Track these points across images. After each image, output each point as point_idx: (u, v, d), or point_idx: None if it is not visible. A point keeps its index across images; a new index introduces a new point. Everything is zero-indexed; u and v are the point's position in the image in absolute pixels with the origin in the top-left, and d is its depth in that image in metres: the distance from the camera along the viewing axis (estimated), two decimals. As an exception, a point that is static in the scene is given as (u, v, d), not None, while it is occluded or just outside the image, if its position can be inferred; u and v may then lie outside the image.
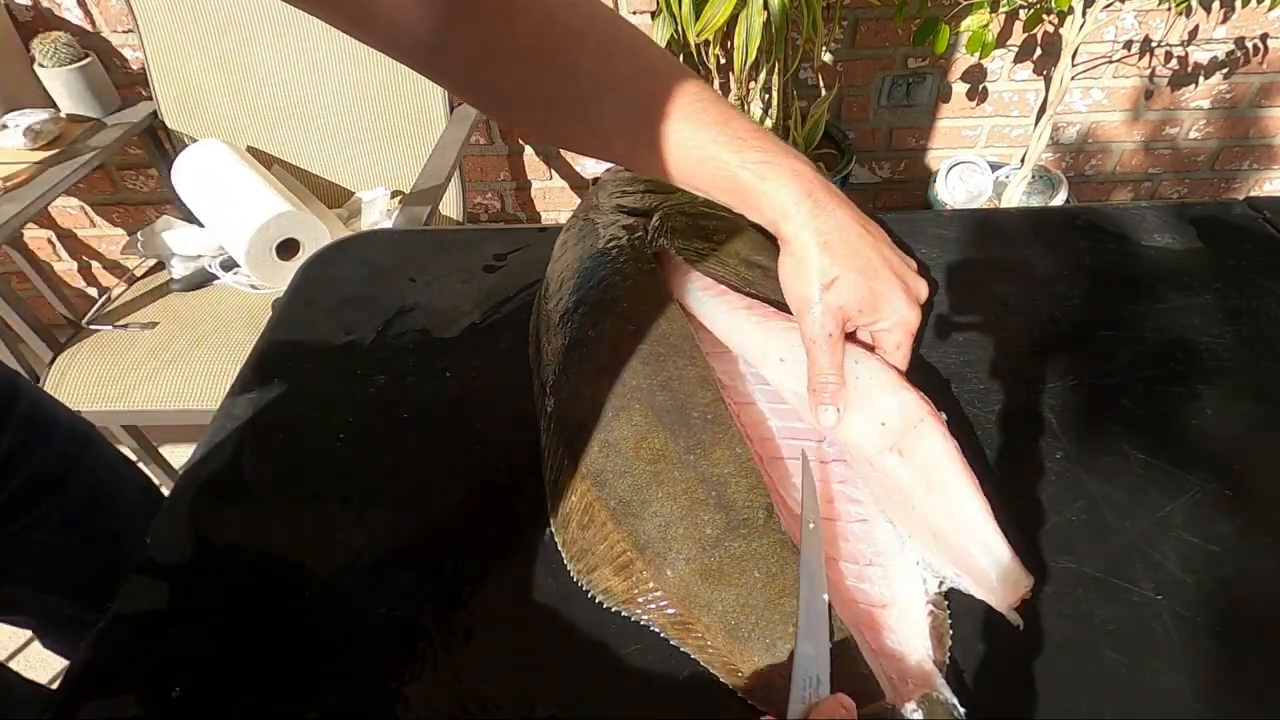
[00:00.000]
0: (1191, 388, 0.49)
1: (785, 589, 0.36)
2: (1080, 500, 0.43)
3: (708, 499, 0.39)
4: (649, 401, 0.43)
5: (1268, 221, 0.63)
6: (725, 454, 0.41)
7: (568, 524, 0.42)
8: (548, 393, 0.48)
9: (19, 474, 0.53)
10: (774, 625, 0.35)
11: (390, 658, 0.38)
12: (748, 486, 0.39)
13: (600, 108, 0.40)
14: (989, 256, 0.61)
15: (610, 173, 0.64)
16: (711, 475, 0.40)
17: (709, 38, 1.25)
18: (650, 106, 0.40)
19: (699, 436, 0.41)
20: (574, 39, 0.39)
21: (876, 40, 1.50)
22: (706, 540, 0.38)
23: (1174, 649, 0.36)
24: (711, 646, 0.36)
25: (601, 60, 0.40)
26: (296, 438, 0.50)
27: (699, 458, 0.41)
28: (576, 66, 0.40)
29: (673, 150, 0.40)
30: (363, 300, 0.61)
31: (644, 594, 0.38)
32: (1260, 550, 0.40)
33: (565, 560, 0.41)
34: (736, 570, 0.37)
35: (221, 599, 0.41)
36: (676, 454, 0.41)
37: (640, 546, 0.39)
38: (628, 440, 0.42)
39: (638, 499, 0.40)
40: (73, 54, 1.31)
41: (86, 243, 1.70)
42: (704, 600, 0.37)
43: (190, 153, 1.27)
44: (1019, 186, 1.53)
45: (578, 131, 0.43)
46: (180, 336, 1.16)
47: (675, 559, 0.38)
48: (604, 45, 0.40)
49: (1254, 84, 1.56)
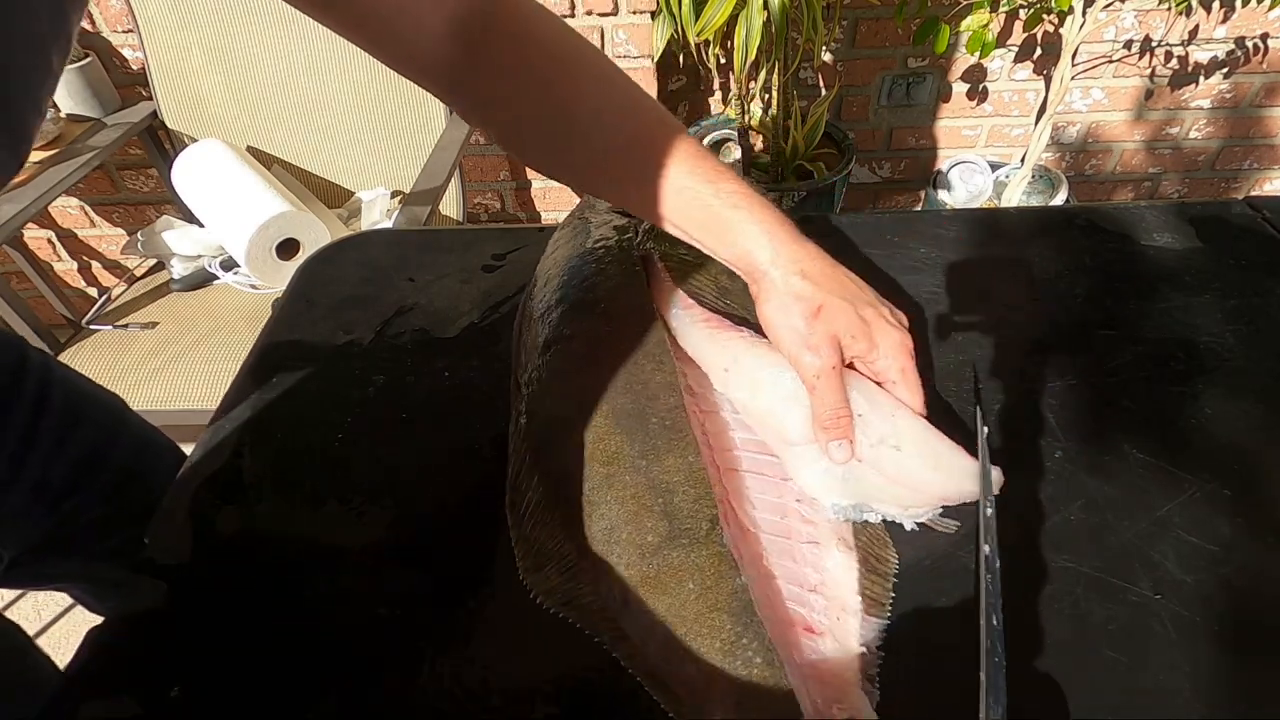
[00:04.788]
0: (1192, 387, 0.49)
1: (718, 604, 0.35)
2: (1080, 499, 0.43)
3: (654, 506, 0.39)
4: (611, 403, 0.43)
5: (1268, 221, 0.63)
6: (677, 462, 0.40)
7: (522, 521, 0.41)
8: (519, 386, 0.48)
9: (66, 455, 0.54)
10: (702, 639, 0.35)
11: (390, 658, 0.38)
12: (694, 496, 0.39)
13: (592, 143, 0.43)
14: (989, 256, 0.61)
15: None
16: (661, 482, 0.39)
17: (709, 38, 1.25)
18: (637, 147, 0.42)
19: (654, 442, 0.41)
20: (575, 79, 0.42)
21: (876, 40, 1.50)
22: (647, 547, 0.37)
23: (1173, 648, 0.36)
24: (642, 657, 0.35)
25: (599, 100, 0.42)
26: (296, 438, 0.50)
27: (651, 463, 0.40)
28: (577, 103, 0.42)
29: (655, 184, 0.42)
30: (362, 300, 0.61)
31: (584, 597, 0.38)
32: (1260, 550, 0.40)
33: (517, 558, 0.40)
34: (673, 580, 0.36)
35: (221, 599, 0.41)
36: (630, 458, 0.41)
37: (585, 549, 0.39)
38: (586, 441, 0.42)
39: (589, 501, 0.40)
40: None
41: (86, 243, 1.70)
42: (637, 608, 0.36)
43: (190, 153, 1.27)
44: (1019, 186, 1.53)
45: (572, 162, 0.45)
46: (180, 336, 1.16)
47: (616, 564, 0.38)
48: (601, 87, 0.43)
49: (1254, 84, 1.56)
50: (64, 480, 0.55)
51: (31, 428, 0.52)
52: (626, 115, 0.43)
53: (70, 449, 0.55)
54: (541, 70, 0.42)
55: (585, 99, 0.42)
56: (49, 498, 0.54)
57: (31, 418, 0.53)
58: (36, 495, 0.53)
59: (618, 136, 0.43)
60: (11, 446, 0.51)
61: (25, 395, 0.53)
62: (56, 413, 0.54)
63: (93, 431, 0.57)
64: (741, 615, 0.35)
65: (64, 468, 0.55)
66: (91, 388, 0.60)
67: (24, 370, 0.53)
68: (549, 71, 0.42)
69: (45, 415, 0.53)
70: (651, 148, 0.42)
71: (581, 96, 0.42)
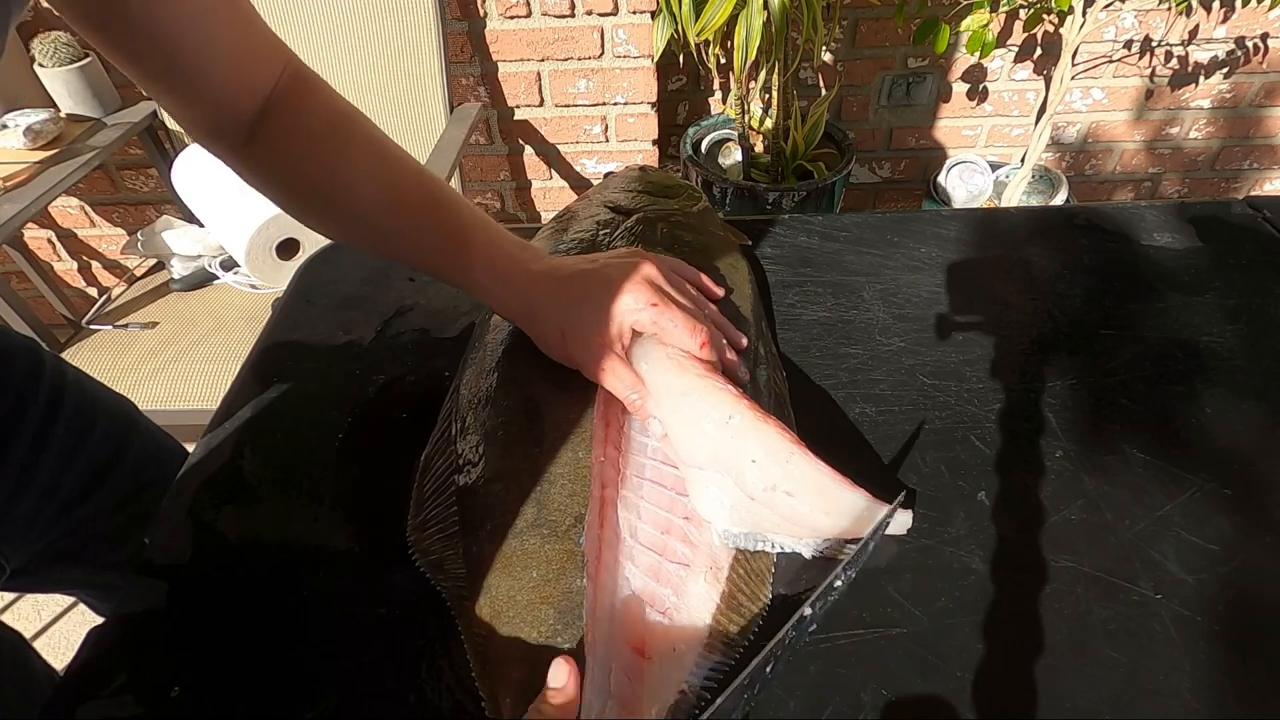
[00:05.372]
0: (1191, 387, 0.49)
1: (549, 597, 0.36)
2: (1080, 499, 0.43)
3: (531, 491, 0.40)
4: (529, 389, 0.45)
5: (1268, 221, 0.63)
6: (567, 455, 0.41)
7: (423, 480, 0.44)
8: (466, 358, 0.51)
9: (77, 464, 0.54)
10: (524, 626, 0.35)
11: (390, 658, 0.38)
12: (570, 491, 0.40)
13: (359, 203, 0.47)
14: (989, 256, 0.61)
15: (626, 168, 0.65)
16: (545, 471, 0.41)
17: (709, 38, 1.25)
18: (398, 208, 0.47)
19: (552, 433, 0.43)
20: (347, 145, 0.47)
21: (876, 40, 1.50)
22: (512, 529, 0.39)
23: (1173, 648, 0.36)
24: (476, 631, 0.36)
25: (366, 164, 0.47)
26: (296, 438, 0.50)
27: (543, 452, 0.42)
28: (347, 167, 0.46)
29: (413, 240, 0.47)
30: (362, 300, 0.61)
31: (450, 563, 0.39)
32: (1260, 549, 0.40)
33: (409, 514, 0.42)
34: (520, 564, 0.38)
35: (221, 599, 0.41)
36: (525, 443, 0.42)
37: (464, 519, 0.40)
38: (497, 420, 0.44)
39: (482, 475, 0.41)
40: (73, 54, 1.31)
41: (86, 243, 1.71)
42: (485, 582, 0.38)
43: (190, 153, 1.27)
44: (1019, 186, 1.53)
45: (340, 220, 0.49)
46: (180, 336, 1.16)
47: (483, 538, 0.39)
48: (369, 151, 0.47)
49: (1254, 84, 1.56)
50: (74, 488, 0.54)
51: (43, 434, 0.52)
52: (389, 179, 0.47)
53: (82, 457, 0.55)
54: (319, 139, 0.46)
55: (354, 163, 0.46)
56: (58, 506, 0.54)
57: (44, 424, 0.52)
58: (46, 503, 0.53)
59: (380, 197, 0.47)
60: (22, 454, 0.51)
61: (39, 402, 0.52)
62: (69, 420, 0.54)
63: (104, 439, 0.57)
64: (566, 615, 0.35)
65: (75, 476, 0.54)
66: (103, 392, 0.60)
67: (39, 376, 0.53)
68: (326, 140, 0.46)
69: (58, 422, 0.53)
70: (409, 208, 0.47)
71: (351, 161, 0.46)
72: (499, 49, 1.37)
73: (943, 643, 0.37)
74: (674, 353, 0.43)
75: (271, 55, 0.46)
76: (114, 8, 0.38)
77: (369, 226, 0.48)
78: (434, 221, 0.47)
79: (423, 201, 0.47)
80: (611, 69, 1.38)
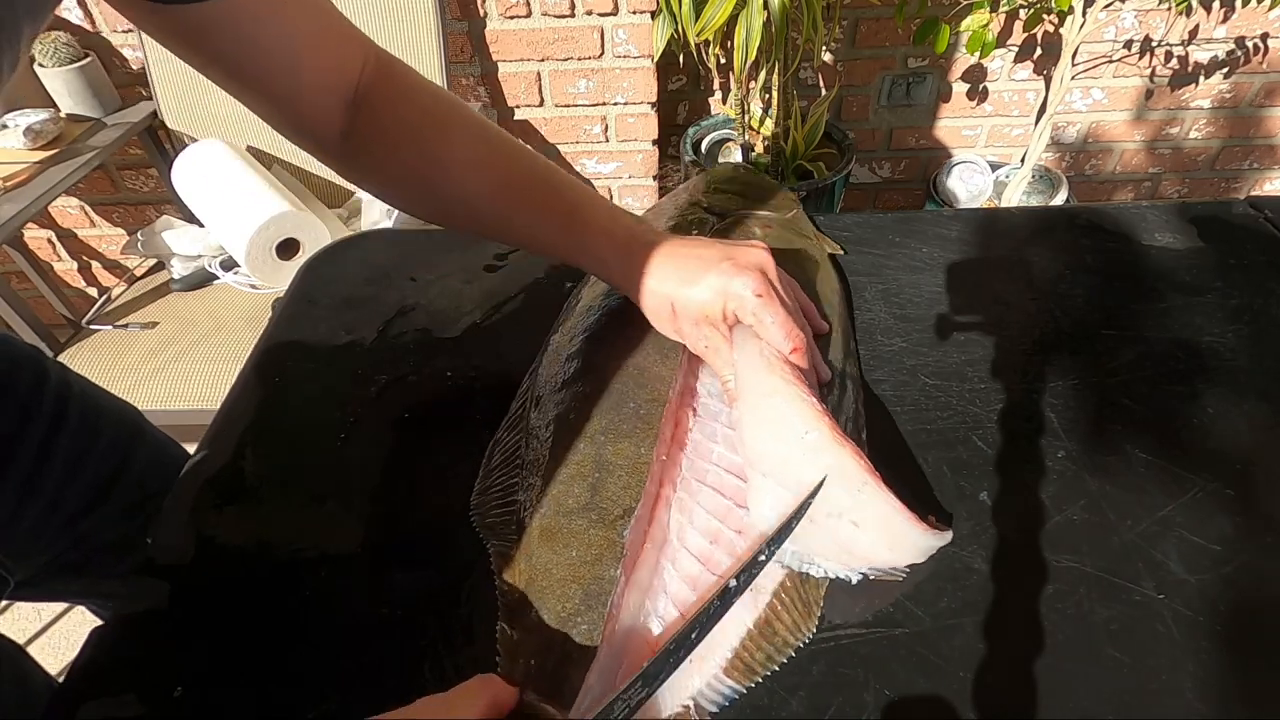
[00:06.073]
0: (1193, 387, 0.49)
1: (581, 578, 0.38)
2: (1082, 499, 0.43)
3: (589, 476, 0.42)
4: (603, 377, 0.47)
5: (1269, 221, 0.63)
6: (628, 448, 0.43)
7: (493, 450, 0.46)
8: (546, 339, 0.52)
9: (82, 476, 0.54)
10: (551, 598, 0.37)
11: (390, 658, 0.38)
12: (624, 484, 0.41)
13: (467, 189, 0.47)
14: (989, 256, 0.61)
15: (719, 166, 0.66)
16: (606, 460, 0.42)
17: (709, 38, 1.25)
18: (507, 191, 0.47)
19: (619, 425, 0.44)
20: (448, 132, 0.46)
21: (876, 40, 1.50)
22: (564, 507, 0.41)
23: (1175, 648, 0.36)
24: (510, 591, 0.39)
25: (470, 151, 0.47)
26: (296, 438, 0.50)
27: (607, 441, 0.43)
28: (449, 154, 0.46)
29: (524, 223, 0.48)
30: (363, 300, 0.61)
31: (503, 529, 0.42)
32: (1262, 549, 0.40)
33: (477, 480, 0.45)
34: (563, 541, 0.39)
35: (221, 599, 0.41)
36: (592, 431, 0.44)
37: (524, 490, 0.43)
38: (569, 405, 0.46)
39: (549, 454, 0.44)
40: (73, 54, 1.31)
41: (86, 243, 1.70)
42: (528, 548, 0.40)
43: (190, 153, 1.27)
44: (1019, 186, 1.53)
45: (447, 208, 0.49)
46: (180, 336, 1.16)
47: (536, 511, 0.41)
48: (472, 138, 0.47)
49: (1255, 84, 1.56)
50: (79, 501, 0.54)
51: (47, 446, 0.51)
52: (495, 163, 0.47)
53: (87, 470, 0.54)
54: (416, 125, 0.46)
55: (456, 150, 0.46)
56: (63, 519, 0.53)
57: (48, 436, 0.51)
58: (50, 516, 0.52)
59: (488, 182, 0.47)
60: (27, 466, 0.50)
61: (43, 413, 0.51)
62: (74, 431, 0.53)
63: (110, 450, 0.56)
64: (592, 599, 0.37)
65: (79, 489, 0.53)
66: (109, 401, 0.59)
67: (43, 386, 0.52)
68: (424, 129, 0.46)
69: (62, 433, 0.52)
70: (518, 189, 0.47)
71: (453, 148, 0.46)
72: (499, 49, 1.37)
73: (945, 643, 0.37)
74: (767, 350, 0.42)
75: (353, 44, 0.45)
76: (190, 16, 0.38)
77: (479, 213, 0.48)
78: (545, 200, 0.47)
79: (531, 181, 0.47)
80: (611, 69, 1.38)
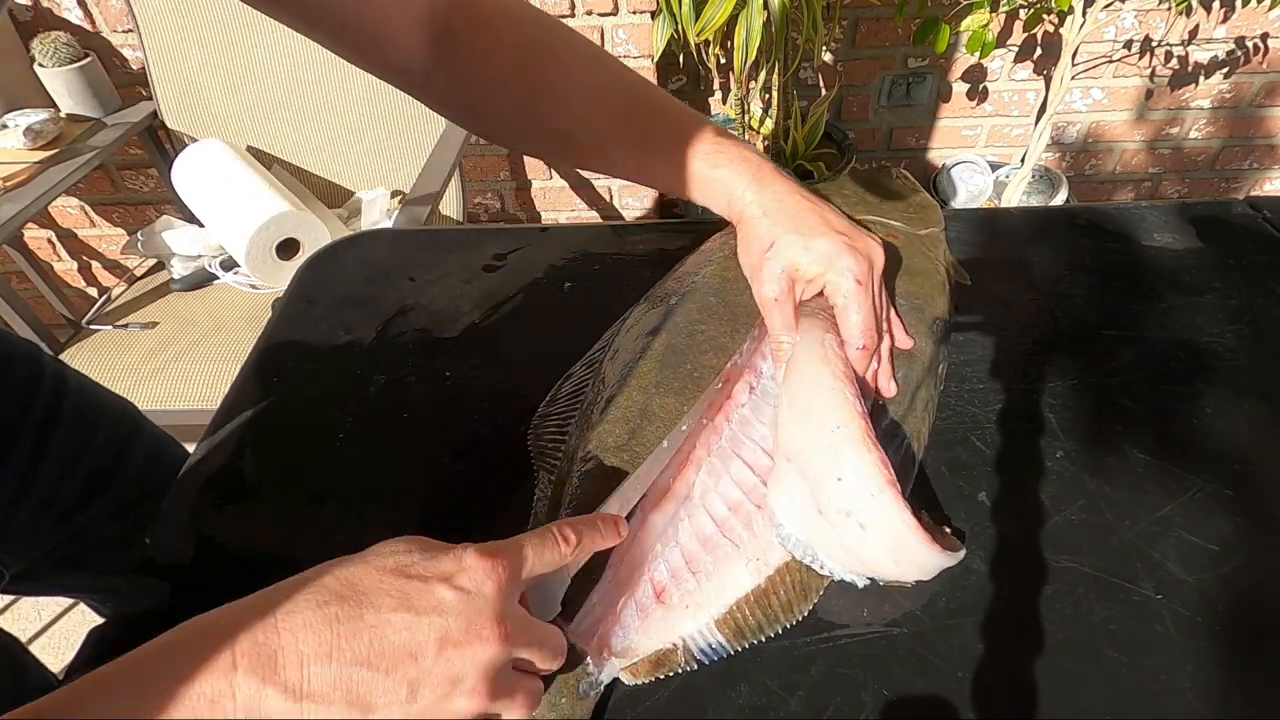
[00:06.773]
0: (1192, 387, 0.49)
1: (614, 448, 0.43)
2: (1081, 499, 0.43)
3: (632, 421, 0.44)
4: (675, 335, 0.48)
5: (1268, 221, 0.63)
6: (673, 404, 0.45)
7: (563, 382, 0.50)
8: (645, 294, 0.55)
9: (77, 472, 0.54)
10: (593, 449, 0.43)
11: (391, 657, 0.38)
12: (659, 435, 0.43)
13: (578, 118, 0.44)
14: (989, 256, 0.61)
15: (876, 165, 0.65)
16: (650, 409, 0.45)
17: (709, 38, 1.25)
18: (632, 119, 0.45)
19: (672, 381, 0.46)
20: (555, 55, 0.44)
21: (876, 40, 1.50)
22: (603, 445, 0.44)
23: (1174, 648, 0.36)
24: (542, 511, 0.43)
25: (585, 75, 0.44)
26: (296, 438, 0.50)
27: (657, 394, 0.45)
28: (560, 79, 0.44)
29: (646, 153, 0.45)
30: (363, 300, 0.61)
31: (551, 455, 0.46)
32: (1261, 550, 0.40)
33: (541, 405, 0.49)
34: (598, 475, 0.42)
35: (221, 599, 0.41)
36: (646, 385, 0.46)
37: (577, 420, 0.47)
38: (635, 351, 0.49)
39: (605, 395, 0.47)
40: (73, 54, 1.31)
41: (86, 243, 1.70)
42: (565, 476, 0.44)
43: (190, 153, 1.27)
44: (1019, 186, 1.53)
45: (553, 138, 0.47)
46: (180, 336, 1.16)
47: (580, 439, 0.45)
48: (586, 63, 0.45)
49: (1255, 83, 1.56)
50: (74, 496, 0.54)
51: (42, 442, 0.51)
52: (597, 84, 0.45)
53: (82, 465, 0.54)
54: (517, 49, 0.43)
55: (570, 74, 0.44)
56: (58, 513, 0.53)
57: (43, 431, 0.52)
58: (46, 510, 0.52)
59: (606, 110, 0.45)
60: (21, 463, 0.50)
61: (37, 410, 0.52)
62: (68, 427, 0.53)
63: (106, 446, 0.56)
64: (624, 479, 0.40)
65: (74, 484, 0.54)
66: (107, 398, 0.59)
67: (38, 383, 0.52)
68: (525, 50, 0.43)
69: (57, 429, 0.52)
70: (641, 119, 0.45)
71: (565, 71, 0.44)
72: (499, 49, 1.37)
73: (944, 643, 0.37)
74: (831, 341, 0.42)
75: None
76: None
77: (580, 141, 0.46)
78: (673, 130, 0.45)
79: (654, 110, 0.45)
80: (612, 69, 1.38)
